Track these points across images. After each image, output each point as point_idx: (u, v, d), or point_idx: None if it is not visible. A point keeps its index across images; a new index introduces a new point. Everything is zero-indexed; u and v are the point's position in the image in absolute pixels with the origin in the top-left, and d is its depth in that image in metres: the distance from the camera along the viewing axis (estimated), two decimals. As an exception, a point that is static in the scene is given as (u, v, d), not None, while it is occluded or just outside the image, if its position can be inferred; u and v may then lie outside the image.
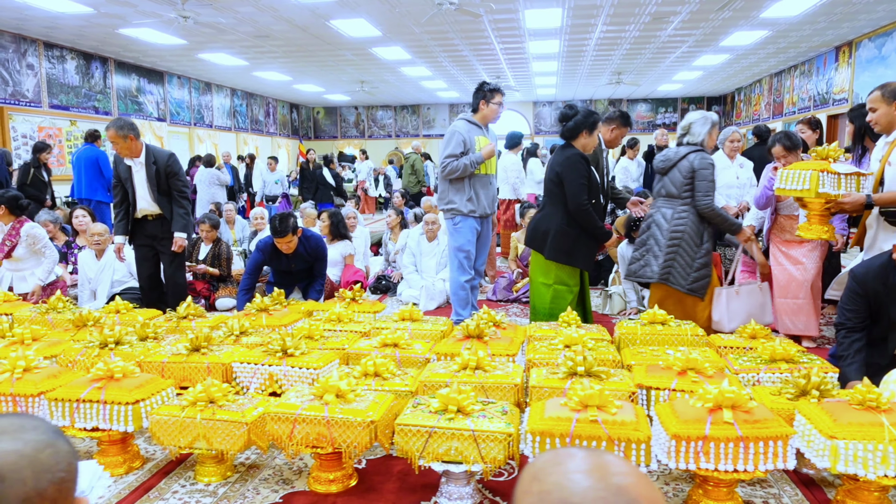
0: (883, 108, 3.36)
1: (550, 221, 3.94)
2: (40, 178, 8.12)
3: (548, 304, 3.96)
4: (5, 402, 2.63)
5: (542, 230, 3.96)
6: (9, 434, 0.91)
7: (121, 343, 3.15)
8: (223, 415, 2.45)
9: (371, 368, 2.78)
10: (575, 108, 3.98)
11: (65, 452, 0.95)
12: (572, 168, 3.83)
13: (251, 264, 4.67)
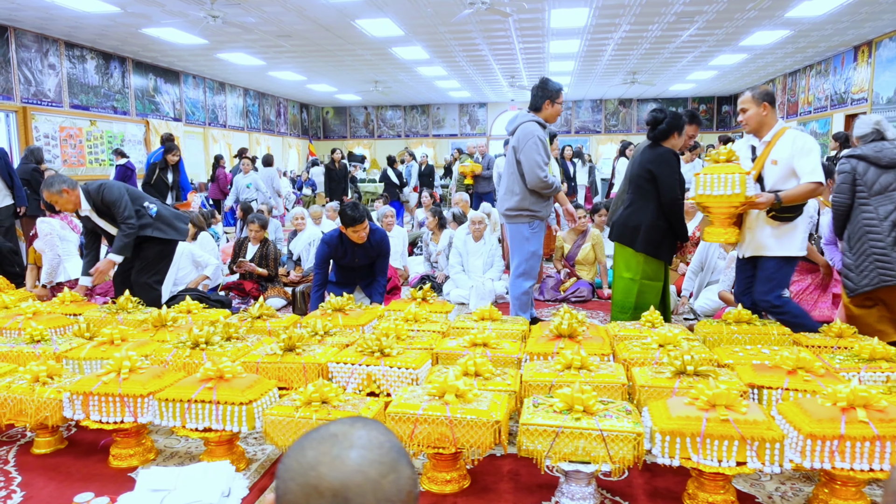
0: (753, 109, 3.57)
1: (642, 216, 3.99)
2: (163, 179, 8.16)
3: (634, 299, 4.00)
4: (113, 402, 2.62)
5: (632, 225, 3.99)
6: (359, 448, 0.89)
7: (210, 343, 3.14)
8: (338, 415, 2.44)
9: (472, 368, 2.78)
10: (664, 111, 4.03)
11: (405, 479, 0.90)
12: (667, 164, 3.95)
13: (320, 258, 4.58)
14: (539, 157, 4.26)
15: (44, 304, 4.01)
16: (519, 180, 4.39)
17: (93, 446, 2.92)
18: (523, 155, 4.30)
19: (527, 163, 4.29)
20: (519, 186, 4.40)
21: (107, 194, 4.41)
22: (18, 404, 2.73)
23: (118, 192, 4.43)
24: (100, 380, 2.66)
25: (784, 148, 3.51)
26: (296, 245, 6.50)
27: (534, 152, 4.25)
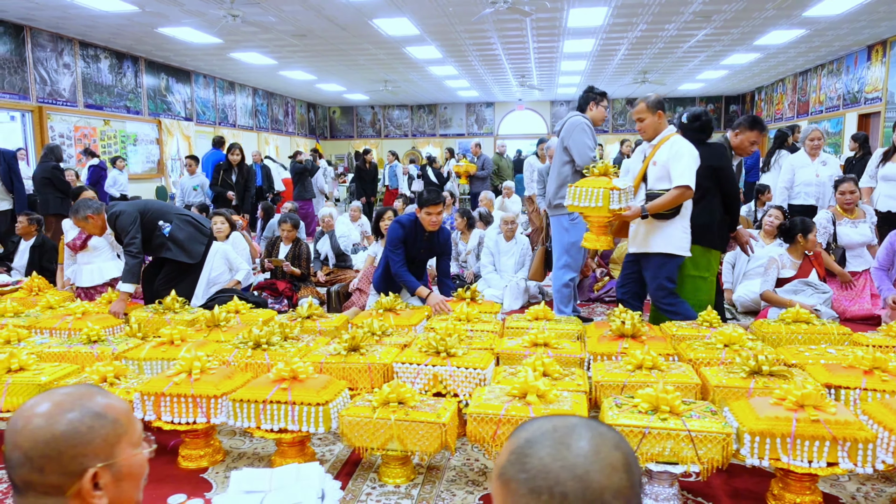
0: (649, 117, 3.85)
1: (711, 213, 4.00)
2: (227, 180, 8.37)
3: (702, 296, 4.01)
4: (185, 402, 2.60)
5: (700, 223, 3.99)
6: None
7: (271, 343, 3.12)
8: (417, 416, 2.43)
9: (541, 368, 2.76)
10: (700, 115, 4.04)
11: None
12: (725, 158, 4.04)
13: (396, 239, 4.39)
14: (588, 140, 4.42)
15: (91, 304, 3.98)
16: (570, 172, 4.45)
17: (159, 448, 2.90)
18: (572, 140, 4.44)
19: (576, 146, 4.42)
20: (563, 176, 4.47)
21: (119, 222, 4.43)
22: (87, 405, 2.70)
23: (130, 218, 4.41)
24: (171, 380, 2.64)
25: (663, 152, 3.77)
26: (323, 245, 6.48)
27: (583, 135, 4.41)
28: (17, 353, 2.88)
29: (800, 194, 5.60)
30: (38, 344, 3.31)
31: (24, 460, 1.05)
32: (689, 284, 4.11)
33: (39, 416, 1.07)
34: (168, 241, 4.55)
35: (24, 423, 1.07)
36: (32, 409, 1.08)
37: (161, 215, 4.61)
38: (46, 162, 7.52)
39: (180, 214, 4.76)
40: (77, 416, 1.08)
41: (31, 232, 6.11)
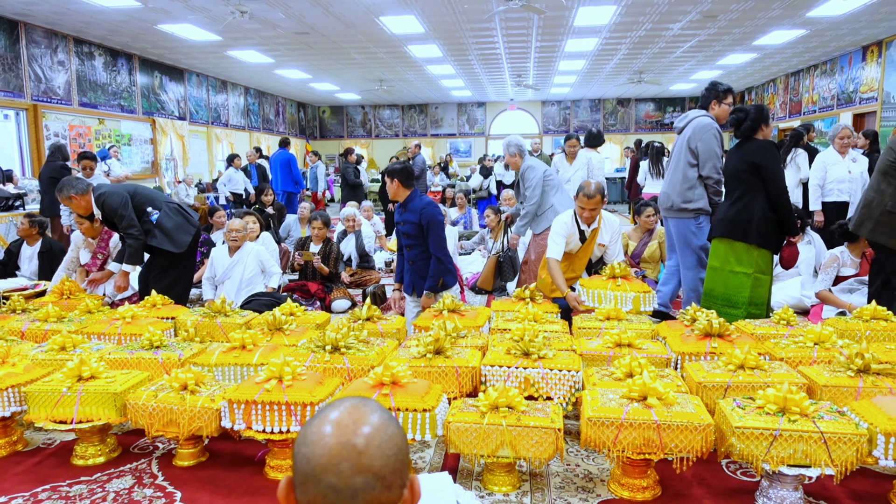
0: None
1: (753, 209, 3.97)
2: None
3: (748, 293, 3.96)
4: (278, 410, 2.47)
5: (743, 219, 3.96)
6: None
7: (348, 347, 3.00)
8: (530, 421, 2.34)
9: (638, 369, 2.68)
10: (744, 109, 4.01)
11: None
12: (772, 156, 3.96)
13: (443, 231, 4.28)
14: (718, 149, 4.39)
15: (139, 308, 3.81)
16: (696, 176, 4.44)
17: (236, 457, 2.77)
18: (703, 145, 4.39)
19: (706, 154, 4.39)
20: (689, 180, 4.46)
21: (107, 203, 4.32)
22: (168, 414, 2.56)
23: (118, 199, 4.32)
24: (261, 387, 2.51)
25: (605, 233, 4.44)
26: (347, 246, 6.34)
27: (713, 143, 4.38)
28: (87, 360, 2.72)
29: (832, 191, 5.62)
30: (94, 350, 3.14)
31: (374, 482, 0.95)
32: (732, 280, 4.07)
33: (377, 431, 0.97)
34: (155, 227, 4.47)
35: (366, 443, 0.95)
36: (358, 426, 0.97)
37: (150, 201, 4.52)
38: (53, 161, 7.27)
39: (170, 203, 4.66)
40: (396, 425, 1.02)
41: (34, 235, 5.83)
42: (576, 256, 4.44)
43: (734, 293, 4.00)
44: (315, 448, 0.94)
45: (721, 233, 4.07)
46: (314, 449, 0.94)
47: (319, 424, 0.98)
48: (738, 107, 4.14)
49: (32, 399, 2.65)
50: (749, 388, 2.59)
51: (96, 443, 2.73)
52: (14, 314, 3.95)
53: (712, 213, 4.46)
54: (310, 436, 0.96)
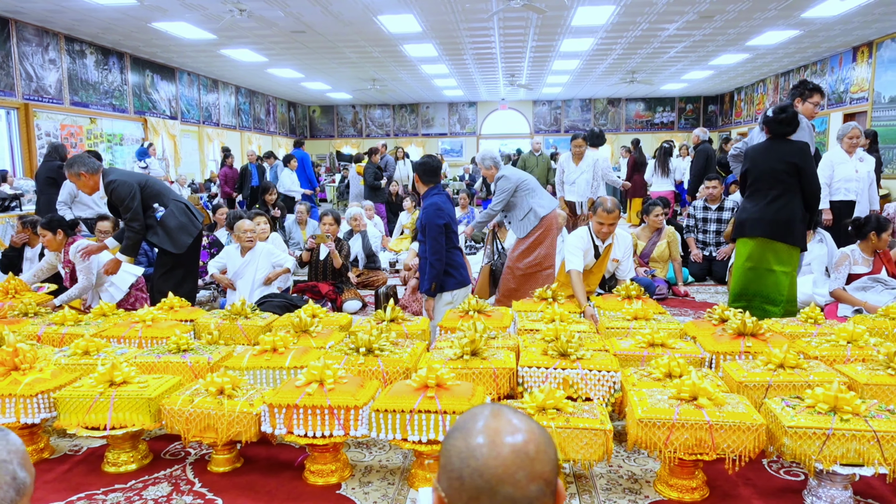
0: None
1: (793, 210, 4.02)
2: None
3: (786, 291, 3.99)
4: (321, 414, 2.43)
5: (784, 219, 3.99)
6: None
7: (382, 349, 2.96)
8: (580, 422, 2.32)
9: (677, 369, 2.67)
10: (789, 109, 4.01)
11: None
12: (811, 158, 4.03)
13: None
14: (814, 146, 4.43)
15: (158, 310, 3.73)
16: None
17: (272, 462, 2.72)
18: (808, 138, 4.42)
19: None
20: None
21: (116, 191, 4.30)
22: (206, 419, 2.50)
23: (127, 190, 4.31)
24: (302, 391, 2.46)
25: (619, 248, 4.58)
26: (353, 246, 6.29)
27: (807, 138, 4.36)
28: (118, 364, 2.66)
29: (840, 190, 5.67)
30: (118, 354, 3.07)
31: (545, 488, 0.92)
32: (770, 279, 4.09)
33: (538, 436, 0.95)
34: (158, 225, 4.43)
35: (535, 449, 0.92)
36: (519, 433, 0.93)
37: (158, 197, 4.48)
38: (50, 161, 7.13)
39: (178, 201, 4.60)
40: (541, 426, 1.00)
41: (33, 236, 5.67)
42: (590, 272, 4.46)
43: (773, 291, 4.02)
44: (487, 460, 0.91)
45: (762, 233, 4.04)
46: (487, 461, 0.91)
47: (480, 436, 0.94)
48: (781, 106, 4.12)
49: (63, 405, 2.58)
50: (790, 387, 2.59)
51: (128, 449, 2.67)
52: (27, 318, 3.86)
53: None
54: (475, 449, 0.92)
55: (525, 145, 19.66)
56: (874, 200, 5.79)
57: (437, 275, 4.10)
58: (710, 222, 6.44)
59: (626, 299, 3.89)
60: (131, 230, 4.30)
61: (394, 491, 2.47)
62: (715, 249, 6.46)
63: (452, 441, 0.96)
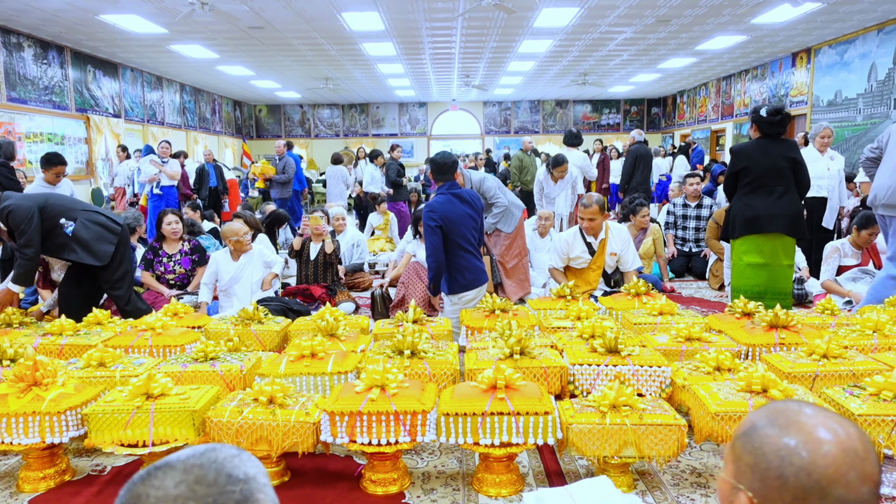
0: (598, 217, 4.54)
1: (798, 204, 4.20)
2: None
3: (791, 283, 4.13)
4: (386, 421, 2.31)
5: (793, 214, 4.11)
6: None
7: (425, 351, 2.86)
8: (654, 418, 2.30)
9: (726, 363, 2.70)
10: (780, 110, 4.13)
11: None
12: (800, 153, 4.20)
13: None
14: None
15: (166, 318, 3.50)
16: None
17: (322, 474, 2.58)
18: None
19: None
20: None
21: (12, 218, 3.81)
22: (258, 431, 2.35)
23: (24, 214, 3.80)
24: (364, 397, 2.34)
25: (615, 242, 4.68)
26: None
27: None
28: (153, 375, 2.46)
29: (812, 187, 5.91)
30: (136, 365, 2.86)
31: (875, 491, 0.86)
32: (780, 273, 4.21)
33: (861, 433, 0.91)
34: (71, 241, 3.98)
35: (864, 448, 0.86)
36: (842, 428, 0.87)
37: (64, 212, 4.02)
38: (-5, 159, 6.62)
39: (87, 211, 4.16)
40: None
41: None
42: (588, 269, 4.49)
43: (782, 285, 4.14)
44: (816, 458, 0.85)
45: (781, 228, 4.11)
46: (815, 459, 0.85)
47: (800, 433, 0.88)
48: (775, 108, 4.22)
49: (95, 421, 2.36)
50: (836, 376, 2.65)
51: (166, 466, 2.47)
52: (11, 328, 3.55)
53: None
54: (798, 446, 0.86)
55: (475, 146, 19.76)
56: (843, 197, 6.07)
57: (436, 276, 4.03)
58: (690, 219, 6.61)
59: (636, 297, 3.92)
60: (24, 256, 3.83)
61: (462, 497, 2.38)
62: (694, 246, 6.64)
63: (765, 438, 0.90)
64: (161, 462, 0.83)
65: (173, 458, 0.84)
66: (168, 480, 0.79)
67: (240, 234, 4.74)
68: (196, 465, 0.81)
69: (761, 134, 4.27)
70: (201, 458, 0.83)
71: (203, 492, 0.78)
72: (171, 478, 0.79)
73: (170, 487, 0.78)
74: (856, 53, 11.11)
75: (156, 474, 0.80)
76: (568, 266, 4.71)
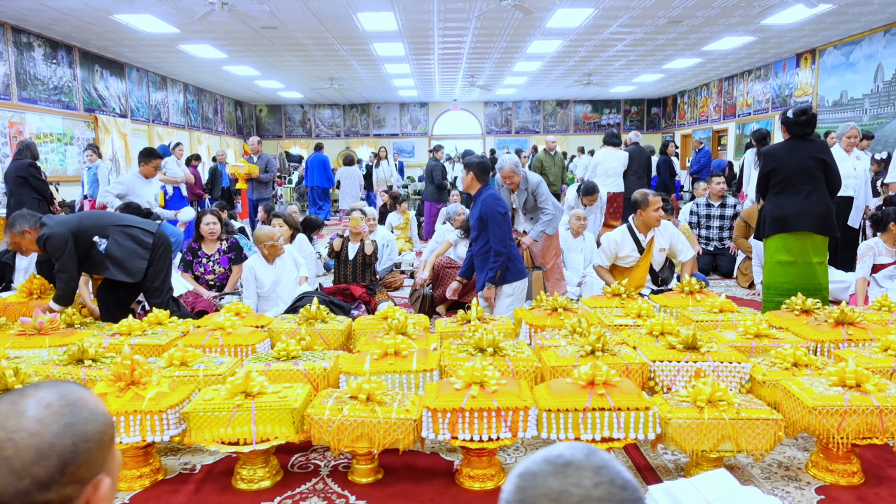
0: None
1: (828, 203, 4.26)
2: None
3: (825, 279, 4.22)
4: (487, 417, 2.34)
5: (823, 213, 4.20)
6: None
7: (506, 350, 2.89)
8: (751, 413, 2.34)
9: (804, 359, 2.75)
10: (807, 110, 4.22)
11: None
12: (830, 153, 4.29)
13: None
14: None
15: (238, 318, 3.50)
16: None
17: (414, 470, 2.60)
18: None
19: None
20: None
21: (50, 244, 3.86)
22: (359, 428, 2.37)
23: (61, 242, 3.85)
24: (465, 394, 2.36)
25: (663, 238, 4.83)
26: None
27: None
28: (251, 374, 2.47)
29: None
30: (217, 364, 2.86)
31: None
32: (810, 270, 4.29)
33: None
34: (105, 258, 4.03)
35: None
36: None
37: (97, 230, 4.05)
38: (21, 159, 6.60)
39: (119, 226, 4.14)
40: None
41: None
42: (637, 267, 4.57)
43: (813, 282, 4.20)
44: None
45: (808, 227, 4.20)
46: None
47: None
48: (801, 109, 4.32)
49: (195, 420, 2.37)
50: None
51: (262, 464, 2.49)
52: (73, 328, 3.55)
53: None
54: None
55: (476, 146, 19.81)
56: (869, 196, 6.17)
57: (504, 262, 4.11)
58: (714, 218, 6.69)
59: (690, 294, 3.97)
60: (61, 280, 3.91)
61: (561, 492, 2.41)
62: (718, 244, 6.71)
63: None
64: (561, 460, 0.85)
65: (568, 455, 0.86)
66: (585, 480, 0.82)
67: (274, 239, 4.72)
68: (602, 468, 0.84)
69: (791, 135, 4.37)
70: (605, 460, 0.86)
71: (619, 496, 0.81)
72: (587, 478, 0.82)
73: (589, 487, 0.81)
74: (862, 54, 11.26)
75: (565, 472, 0.83)
76: (614, 265, 4.77)
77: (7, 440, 0.86)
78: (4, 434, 0.86)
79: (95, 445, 0.92)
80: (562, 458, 0.87)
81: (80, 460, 0.89)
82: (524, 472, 0.88)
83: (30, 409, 0.89)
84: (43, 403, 0.90)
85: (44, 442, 0.86)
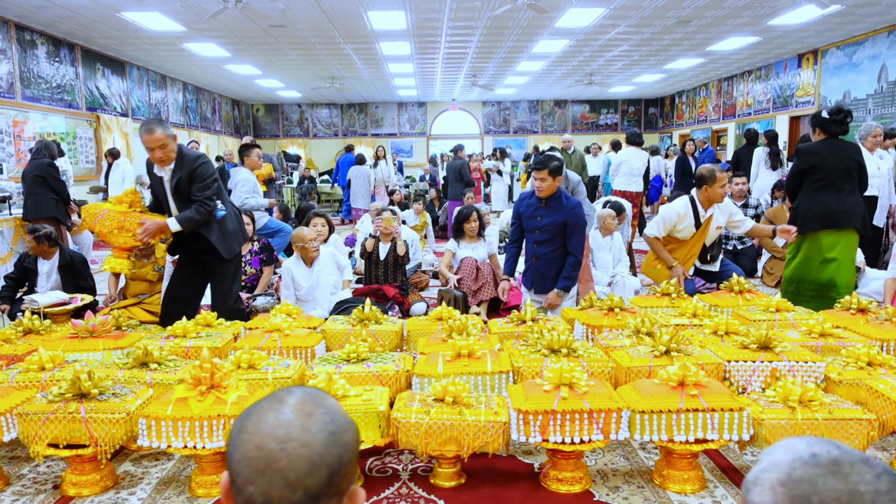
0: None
1: (860, 201, 4.37)
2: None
3: (855, 277, 4.23)
4: (579, 419, 2.30)
5: (861, 211, 4.30)
6: None
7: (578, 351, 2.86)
8: (843, 413, 2.32)
9: (878, 358, 2.74)
10: (841, 109, 4.25)
11: None
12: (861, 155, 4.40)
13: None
14: None
15: (293, 319, 3.44)
16: None
17: (496, 473, 2.55)
18: None
19: None
20: None
21: (202, 167, 3.83)
22: (447, 431, 2.32)
23: (212, 170, 3.91)
24: (555, 396, 2.33)
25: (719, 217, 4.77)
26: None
27: None
28: (333, 377, 2.42)
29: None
30: (284, 367, 2.80)
31: None
32: (846, 267, 4.39)
33: None
34: (216, 224, 3.98)
35: None
36: None
37: (221, 194, 4.06)
38: (39, 159, 6.48)
39: (235, 206, 4.26)
40: None
41: (46, 251, 5.12)
42: (692, 242, 4.61)
43: (846, 279, 4.32)
44: None
45: (853, 223, 4.29)
46: None
47: None
48: (837, 108, 4.35)
49: (279, 425, 2.31)
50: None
51: (344, 469, 2.43)
52: (121, 330, 3.47)
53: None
54: None
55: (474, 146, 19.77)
56: (892, 195, 6.21)
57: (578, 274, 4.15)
58: (736, 218, 6.70)
59: (739, 294, 3.96)
60: (204, 206, 3.79)
61: (652, 494, 2.38)
62: (739, 244, 6.72)
63: None
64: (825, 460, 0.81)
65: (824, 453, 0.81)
66: (866, 475, 0.78)
67: (306, 241, 4.66)
68: (865, 458, 0.80)
69: (827, 135, 4.42)
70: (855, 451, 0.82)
71: None
72: (865, 472, 0.78)
73: (873, 481, 0.77)
74: (865, 55, 11.36)
75: (840, 470, 0.79)
76: (668, 236, 4.80)
77: (280, 451, 0.81)
78: (276, 445, 0.82)
79: (354, 455, 0.88)
80: (823, 457, 0.82)
81: (344, 471, 0.85)
82: (789, 481, 0.83)
83: (295, 419, 0.84)
84: (305, 412, 0.85)
85: (314, 453, 0.82)
